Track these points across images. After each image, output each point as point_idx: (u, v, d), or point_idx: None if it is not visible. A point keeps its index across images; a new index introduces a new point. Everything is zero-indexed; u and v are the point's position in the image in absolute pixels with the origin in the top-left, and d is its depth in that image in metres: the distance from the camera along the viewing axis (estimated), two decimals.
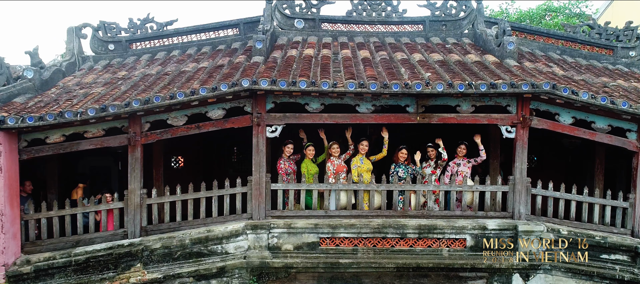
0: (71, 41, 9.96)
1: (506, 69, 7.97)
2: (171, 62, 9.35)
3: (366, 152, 8.03)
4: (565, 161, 10.99)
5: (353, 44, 9.65)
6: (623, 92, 8.13)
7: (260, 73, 7.44)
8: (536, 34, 10.38)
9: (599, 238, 7.53)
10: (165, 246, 7.35)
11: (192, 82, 7.65)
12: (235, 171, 10.79)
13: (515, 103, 7.47)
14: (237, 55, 9.13)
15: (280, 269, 7.34)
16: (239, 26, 10.16)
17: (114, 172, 11.38)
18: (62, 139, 7.42)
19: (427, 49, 9.32)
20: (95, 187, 10.16)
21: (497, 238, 7.43)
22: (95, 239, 7.57)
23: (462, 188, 7.81)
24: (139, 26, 10.21)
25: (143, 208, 7.57)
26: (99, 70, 9.51)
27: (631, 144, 7.64)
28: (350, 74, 7.55)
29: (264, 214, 7.53)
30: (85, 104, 7.28)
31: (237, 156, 11.73)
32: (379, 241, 7.49)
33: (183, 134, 7.57)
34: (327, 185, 7.67)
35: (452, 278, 7.48)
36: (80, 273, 7.33)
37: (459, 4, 10.22)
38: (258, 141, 7.46)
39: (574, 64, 9.71)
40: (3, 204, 7.10)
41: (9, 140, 7.18)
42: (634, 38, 10.35)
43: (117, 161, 11.30)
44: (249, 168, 7.75)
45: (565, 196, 7.74)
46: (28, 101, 7.94)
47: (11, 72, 12.08)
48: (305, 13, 10.18)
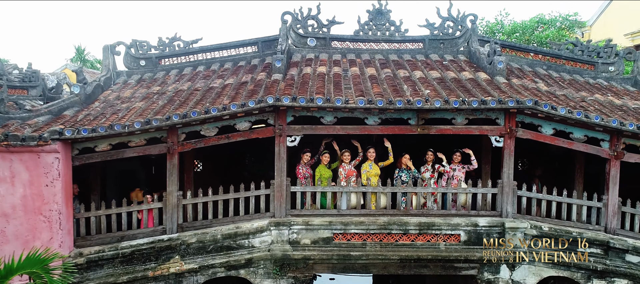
0: (107, 58, 11.07)
1: (496, 86, 9.10)
2: (198, 77, 10.48)
3: (374, 158, 9.17)
4: (553, 165, 12.10)
5: (360, 61, 10.79)
6: (599, 106, 9.26)
7: (282, 90, 8.58)
8: (525, 51, 11.52)
9: (576, 234, 8.67)
10: (200, 241, 8.49)
11: (222, 98, 8.77)
12: (249, 173, 11.95)
13: (503, 116, 8.60)
14: (257, 71, 10.26)
15: (300, 260, 8.49)
16: (258, 44, 11.29)
17: (140, 175, 12.49)
18: (109, 147, 8.54)
19: (427, 66, 10.45)
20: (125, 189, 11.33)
21: (487, 233, 8.58)
22: (138, 234, 8.70)
23: (457, 190, 8.95)
24: (168, 44, 11.33)
25: (179, 208, 8.70)
26: (133, 84, 10.64)
27: (604, 152, 8.77)
28: (360, 91, 8.69)
29: (285, 213, 8.67)
30: (131, 118, 8.40)
31: (249, 160, 12.86)
32: (385, 236, 8.63)
33: (214, 143, 8.71)
34: (339, 188, 8.80)
35: (448, 268, 8.63)
36: (126, 264, 8.47)
37: (455, 24, 11.34)
38: (280, 149, 8.59)
39: (558, 78, 10.84)
40: (61, 204, 8.24)
41: (64, 149, 8.31)
42: (613, 54, 11.47)
43: (143, 165, 12.41)
44: (259, 170, 8.92)
45: (546, 197, 8.89)
46: (77, 113, 9.07)
47: (47, 84, 13.31)
48: (316, 32, 11.30)
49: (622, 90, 10.84)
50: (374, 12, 11.26)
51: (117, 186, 11.48)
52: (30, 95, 11.88)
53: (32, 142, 7.95)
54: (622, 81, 11.35)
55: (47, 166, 8.11)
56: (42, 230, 8.20)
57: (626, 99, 10.04)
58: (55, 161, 8.12)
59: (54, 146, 8.06)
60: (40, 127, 8.41)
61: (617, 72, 11.46)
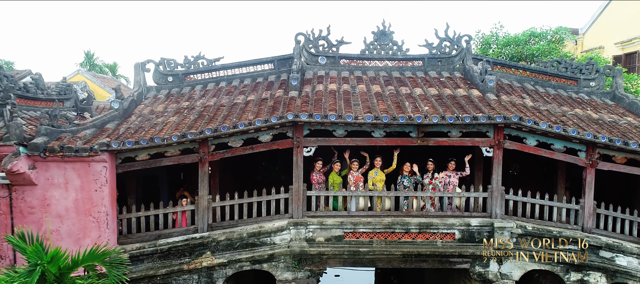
0: (138, 74, 12.30)
1: (487, 103, 10.35)
2: (221, 93, 11.72)
3: (380, 166, 10.42)
4: (541, 171, 13.33)
5: (366, 78, 12.03)
6: (577, 120, 10.51)
7: (299, 107, 9.83)
8: (514, 68, 12.76)
9: (556, 232, 9.92)
10: (228, 238, 9.74)
11: (246, 114, 10.02)
12: (262, 177, 13.22)
13: (492, 130, 9.85)
14: (275, 88, 11.51)
15: (315, 255, 9.74)
16: (274, 62, 12.54)
17: (162, 180, 13.71)
18: (148, 157, 9.78)
19: (426, 83, 11.70)
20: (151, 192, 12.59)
21: (478, 232, 9.84)
22: (173, 233, 9.95)
23: (453, 194, 10.20)
24: (193, 62, 12.57)
25: (209, 210, 9.95)
26: (163, 99, 11.87)
27: (581, 161, 10.02)
28: (367, 107, 9.94)
29: (302, 214, 9.92)
30: (168, 131, 9.64)
31: (263, 165, 14.09)
32: (389, 234, 9.88)
33: (239, 153, 9.95)
34: (349, 192, 10.06)
35: (444, 263, 9.89)
36: (163, 258, 9.72)
37: (452, 44, 12.58)
38: (297, 158, 9.84)
39: (544, 94, 12.08)
40: (107, 206, 9.49)
41: (110, 158, 9.55)
42: (593, 71, 12.71)
43: (166, 171, 13.63)
44: (272, 174, 10.05)
45: (530, 200, 10.14)
46: (117, 127, 10.31)
47: (78, 95, 14.52)
48: (327, 51, 12.53)
49: (601, 104, 12.09)
50: (378, 33, 12.50)
51: (142, 189, 12.72)
52: (65, 106, 13.15)
53: (84, 153, 9.20)
54: (602, 95, 12.59)
55: (96, 173, 9.35)
56: (92, 229, 9.45)
57: (603, 113, 11.29)
58: (103, 169, 9.37)
59: (102, 156, 9.31)
60: (88, 139, 9.65)
61: (598, 87, 12.70)
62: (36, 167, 9.24)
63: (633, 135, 10.07)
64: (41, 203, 9.38)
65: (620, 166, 10.04)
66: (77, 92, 14.31)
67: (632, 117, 11.31)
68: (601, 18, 26.69)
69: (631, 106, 11.84)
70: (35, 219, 9.32)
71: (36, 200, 9.36)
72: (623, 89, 12.56)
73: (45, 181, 9.31)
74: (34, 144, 9.04)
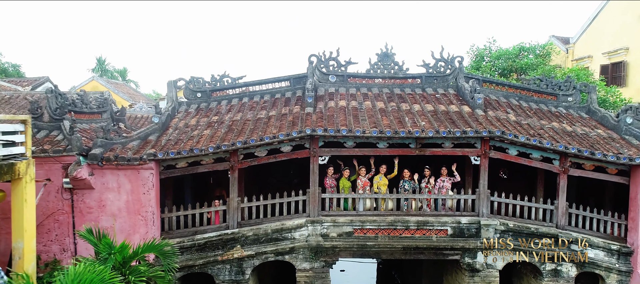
0: (171, 91, 14.02)
1: (475, 118, 12.07)
2: (245, 108, 13.45)
3: (384, 172, 12.16)
4: (526, 174, 15.04)
5: (371, 94, 13.76)
6: (553, 132, 12.23)
7: (315, 123, 11.56)
8: (501, 85, 14.50)
9: (534, 229, 11.65)
10: (255, 234, 11.47)
11: (270, 128, 11.74)
12: (277, 180, 14.91)
13: (479, 142, 11.57)
14: (292, 104, 13.24)
15: (329, 248, 11.48)
16: (290, 80, 14.28)
17: (187, 182, 15.41)
18: (186, 165, 11.51)
19: (423, 99, 13.43)
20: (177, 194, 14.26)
21: (467, 228, 11.57)
22: (208, 229, 11.68)
23: (446, 197, 11.94)
24: (218, 80, 14.30)
25: (239, 209, 11.68)
26: (193, 113, 13.59)
27: (555, 168, 11.76)
28: (373, 122, 11.67)
29: (317, 213, 11.65)
30: (204, 142, 11.36)
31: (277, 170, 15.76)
32: (392, 231, 11.62)
33: (264, 162, 11.68)
34: (358, 194, 11.80)
35: (439, 255, 11.63)
36: (200, 251, 11.45)
37: (446, 64, 14.31)
38: (313, 166, 11.57)
39: (526, 108, 13.81)
40: (153, 207, 11.22)
41: (156, 166, 11.27)
42: (571, 88, 14.43)
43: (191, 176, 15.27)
44: (284, 178, 11.82)
45: (512, 201, 11.87)
46: (158, 138, 12.02)
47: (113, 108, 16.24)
48: (336, 70, 14.26)
49: (577, 117, 13.81)
50: (381, 55, 14.24)
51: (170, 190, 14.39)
52: (103, 118, 14.84)
53: (135, 162, 10.93)
54: (579, 108, 14.32)
55: (144, 179, 11.09)
56: (140, 226, 11.18)
57: (577, 126, 13.02)
58: (150, 175, 11.10)
59: (149, 164, 11.05)
60: (136, 150, 11.38)
61: (575, 101, 14.42)
62: (94, 174, 10.98)
63: (600, 146, 11.80)
64: (98, 204, 11.12)
65: (589, 172, 11.77)
66: (112, 105, 16.06)
67: (603, 129, 13.04)
68: (590, 29, 28.29)
69: (603, 119, 13.56)
70: (92, 218, 11.05)
71: (93, 201, 11.11)
72: (596, 104, 14.27)
73: (101, 185, 11.05)
74: (93, 155, 10.78)
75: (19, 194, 8.89)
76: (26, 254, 8.99)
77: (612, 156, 11.22)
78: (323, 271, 11.60)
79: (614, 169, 11.71)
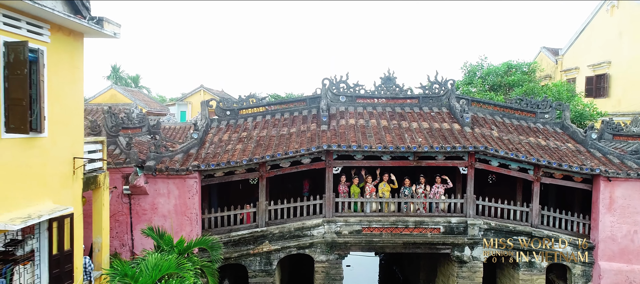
0: (204, 109, 16.37)
1: (463, 135, 14.43)
2: (269, 125, 15.80)
3: (387, 180, 14.52)
4: (510, 181, 17.38)
5: (376, 113, 16.12)
6: (529, 147, 14.58)
7: (329, 139, 13.91)
8: (488, 104, 16.86)
9: (512, 227, 14.01)
10: (280, 231, 13.83)
11: (292, 143, 14.09)
12: (292, 185, 17.22)
13: (467, 155, 13.92)
14: (309, 122, 15.59)
15: (342, 243, 13.85)
16: (306, 100, 16.65)
17: (213, 188, 17.73)
18: (223, 174, 13.86)
19: (420, 117, 15.79)
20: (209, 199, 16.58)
21: (456, 227, 13.93)
22: (240, 228, 14.03)
23: (439, 201, 14.30)
24: (245, 100, 16.67)
25: (266, 211, 14.04)
26: (224, 129, 15.95)
27: (530, 177, 14.12)
28: (378, 139, 14.03)
29: (332, 214, 14.00)
30: (238, 156, 13.71)
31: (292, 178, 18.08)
32: (394, 229, 13.98)
33: (287, 172, 14.03)
34: (365, 199, 14.16)
35: (433, 249, 14.00)
36: (235, 246, 13.80)
37: (440, 86, 16.67)
38: (328, 175, 13.93)
39: (509, 125, 16.17)
40: (197, 209, 13.56)
41: (198, 175, 13.61)
42: (547, 106, 16.79)
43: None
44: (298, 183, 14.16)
45: (494, 204, 14.23)
46: (198, 152, 14.37)
47: (149, 122, 18.57)
48: (346, 92, 16.62)
49: (552, 132, 16.17)
50: (384, 78, 16.61)
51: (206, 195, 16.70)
52: (142, 132, 17.23)
53: (182, 172, 13.29)
54: (554, 124, 16.68)
55: (189, 186, 13.43)
56: (186, 225, 13.52)
57: (551, 140, 15.37)
58: (194, 183, 13.45)
59: (194, 174, 13.40)
60: (181, 161, 13.72)
61: (551, 118, 16.79)
62: (148, 182, 13.33)
63: (568, 158, 14.16)
64: (151, 207, 13.47)
65: (558, 180, 14.13)
66: (149, 120, 18.45)
67: (572, 143, 15.40)
68: (577, 42, 30.55)
69: (573, 134, 15.92)
70: (146, 218, 13.40)
71: (148, 205, 13.46)
72: (569, 120, 16.63)
73: (154, 191, 13.40)
74: (148, 166, 13.14)
75: (98, 199, 11.26)
76: (103, 247, 11.37)
77: (576, 167, 13.59)
78: (337, 262, 13.97)
79: (579, 178, 14.06)
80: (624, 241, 13.74)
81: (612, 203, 13.70)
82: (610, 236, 13.76)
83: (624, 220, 13.69)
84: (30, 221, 7.84)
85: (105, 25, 9.58)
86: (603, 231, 13.77)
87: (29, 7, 7.70)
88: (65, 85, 9.17)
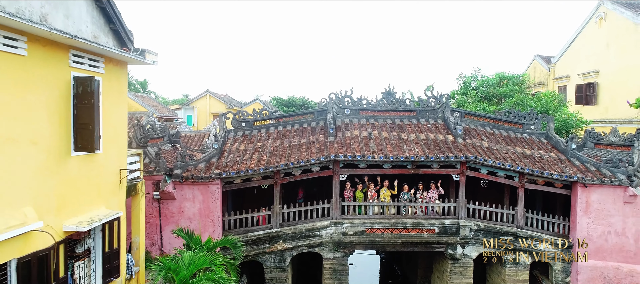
0: (222, 121, 18.05)
1: (456, 145, 16.11)
2: (281, 136, 17.48)
3: (388, 185, 16.21)
4: (500, 186, 19.05)
5: (378, 125, 17.80)
6: (515, 156, 16.26)
7: (336, 149, 15.60)
8: (479, 116, 18.54)
9: (499, 228, 15.70)
10: (293, 232, 15.52)
11: (303, 153, 15.77)
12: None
13: (459, 164, 15.61)
14: (317, 133, 17.28)
15: (347, 243, 15.54)
16: (314, 113, 18.34)
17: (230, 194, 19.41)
18: (241, 181, 15.55)
19: (418, 129, 17.47)
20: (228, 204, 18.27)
21: (450, 228, 15.62)
22: (257, 229, 15.72)
23: (434, 204, 15.99)
24: (258, 112, 18.35)
25: (279, 214, 15.73)
26: (240, 140, 17.63)
27: (515, 184, 15.81)
28: (380, 149, 15.71)
29: (338, 216, 15.69)
30: (255, 164, 15.39)
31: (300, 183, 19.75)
32: (394, 229, 15.66)
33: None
34: (368, 203, 15.85)
35: (428, 247, 15.70)
36: (252, 245, 15.49)
37: (436, 100, 18.36)
38: (335, 182, 15.62)
39: (498, 135, 17.85)
40: (219, 212, 15.25)
41: (220, 182, 15.29)
42: (533, 118, 18.47)
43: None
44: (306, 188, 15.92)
45: (483, 208, 15.91)
46: (218, 161, 16.06)
47: (170, 131, 20.26)
48: (350, 105, 18.31)
49: (537, 142, 17.85)
50: (385, 93, 18.30)
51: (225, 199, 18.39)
52: (164, 141, 18.93)
53: (206, 180, 14.98)
54: (540, 135, 18.36)
55: (212, 192, 15.12)
56: (209, 226, 15.21)
57: (535, 150, 17.05)
58: (217, 189, 15.14)
59: (216, 181, 15.08)
60: (205, 170, 15.40)
61: (536, 128, 18.47)
62: (176, 188, 15.02)
63: (549, 166, 15.83)
64: (178, 210, 15.15)
65: (540, 186, 15.82)
66: (169, 130, 20.14)
67: (555, 152, 17.08)
68: (568, 51, 32.20)
69: (556, 144, 17.60)
70: (174, 221, 15.09)
71: (175, 208, 15.14)
72: (553, 131, 18.31)
73: (180, 196, 15.09)
74: (176, 174, 14.83)
75: (137, 204, 12.94)
76: (141, 246, 13.06)
77: (556, 175, 15.27)
78: (343, 260, 15.66)
79: (559, 184, 15.74)
80: (598, 240, 15.42)
81: (588, 207, 15.38)
82: (587, 236, 15.44)
83: (598, 222, 15.37)
84: (94, 224, 9.53)
85: (147, 55, 11.28)
86: (580, 232, 15.45)
87: (92, 47, 9.40)
88: (114, 107, 10.86)
